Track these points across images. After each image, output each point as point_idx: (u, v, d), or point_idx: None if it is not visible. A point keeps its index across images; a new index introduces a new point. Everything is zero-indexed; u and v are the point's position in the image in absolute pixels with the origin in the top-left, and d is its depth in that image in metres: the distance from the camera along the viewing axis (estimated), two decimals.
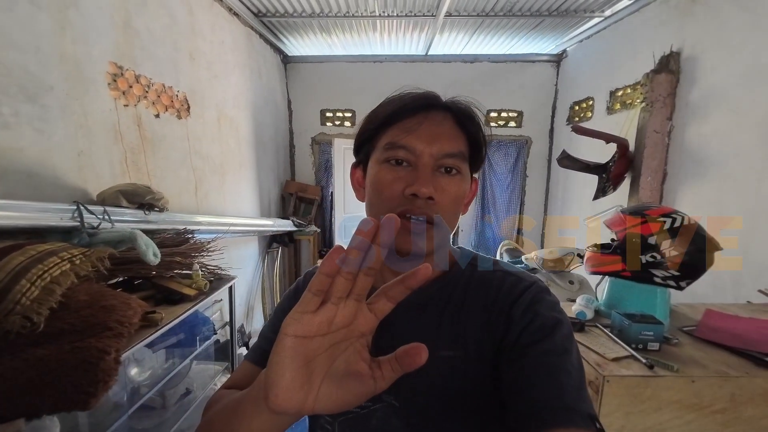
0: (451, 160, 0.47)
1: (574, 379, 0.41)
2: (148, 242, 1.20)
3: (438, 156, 0.47)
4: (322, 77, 3.83)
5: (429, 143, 0.46)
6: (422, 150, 0.46)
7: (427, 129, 0.47)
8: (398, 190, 0.46)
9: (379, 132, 0.50)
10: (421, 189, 0.44)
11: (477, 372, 0.46)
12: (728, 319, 1.16)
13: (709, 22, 2.05)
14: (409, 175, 0.46)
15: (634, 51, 2.65)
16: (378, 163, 0.49)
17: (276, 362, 0.30)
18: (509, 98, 3.83)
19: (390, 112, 0.49)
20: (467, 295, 0.51)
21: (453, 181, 0.48)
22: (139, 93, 1.64)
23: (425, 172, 0.46)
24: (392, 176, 0.47)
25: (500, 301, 0.49)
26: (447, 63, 3.79)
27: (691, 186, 2.19)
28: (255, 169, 2.95)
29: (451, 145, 0.47)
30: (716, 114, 2.01)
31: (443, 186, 0.47)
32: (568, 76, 3.61)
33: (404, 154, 0.47)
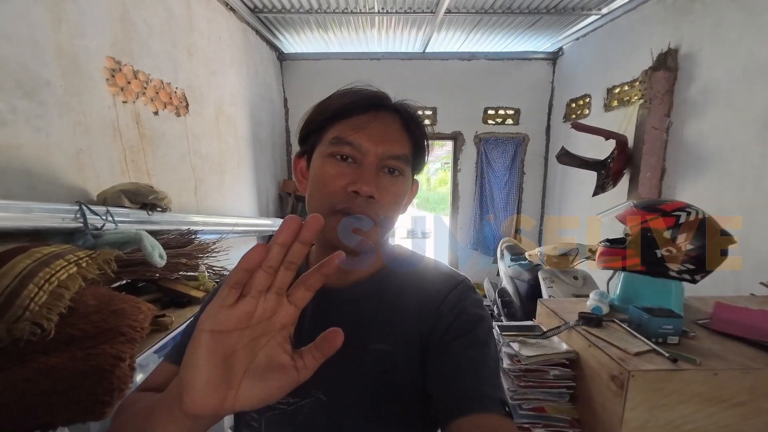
0: (395, 162, 0.48)
1: (492, 370, 0.46)
2: (154, 243, 1.16)
3: (383, 156, 0.47)
4: (319, 75, 3.79)
5: (376, 143, 0.46)
6: (368, 149, 0.46)
7: (375, 128, 0.47)
8: (341, 185, 0.46)
9: (327, 124, 0.49)
10: (363, 187, 0.45)
11: (406, 365, 0.48)
12: (739, 311, 1.17)
13: (707, 20, 2.08)
14: (353, 172, 0.46)
15: (630, 48, 2.67)
16: (323, 156, 0.48)
17: (191, 361, 0.28)
18: (506, 96, 3.84)
19: (340, 106, 0.48)
20: (402, 291, 0.52)
21: (395, 182, 0.48)
22: (138, 89, 1.59)
23: (369, 171, 0.46)
24: (336, 171, 0.47)
25: (431, 298, 0.51)
26: (444, 60, 3.78)
27: (689, 181, 2.22)
28: (253, 168, 2.90)
29: (397, 147, 0.48)
30: (714, 110, 2.04)
31: (385, 186, 0.47)
32: (564, 73, 3.63)
33: (350, 151, 0.47)
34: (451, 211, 4.09)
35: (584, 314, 1.14)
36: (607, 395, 0.93)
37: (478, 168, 3.92)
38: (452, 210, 4.07)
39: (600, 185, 2.71)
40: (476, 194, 3.94)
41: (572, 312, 1.23)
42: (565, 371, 1.06)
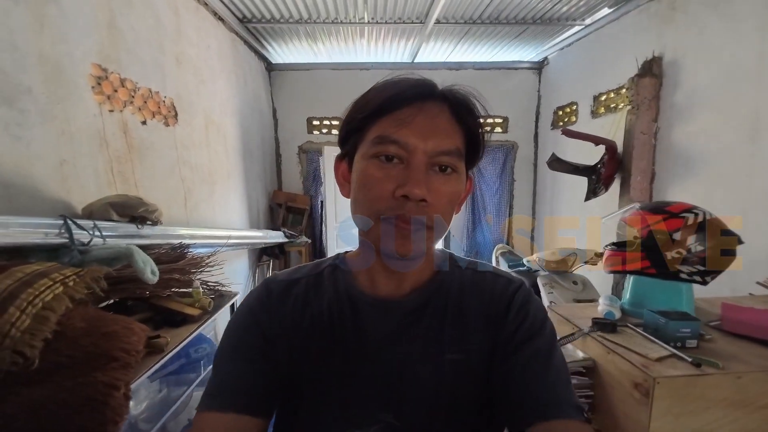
0: (447, 158, 0.43)
1: (565, 375, 0.46)
2: (146, 259, 1.09)
3: (433, 153, 0.43)
4: (308, 85, 3.76)
5: (424, 139, 0.42)
6: (416, 146, 0.42)
7: (421, 122, 0.43)
8: (388, 189, 0.42)
9: (368, 122, 0.45)
10: (413, 190, 0.41)
11: (480, 373, 0.48)
12: (748, 311, 1.17)
13: (689, 28, 2.16)
14: (400, 174, 0.42)
15: (615, 57, 2.75)
16: (366, 158, 0.44)
17: None
18: (495, 104, 3.89)
19: (381, 101, 0.44)
20: (463, 297, 0.51)
21: (448, 181, 0.44)
22: (125, 98, 1.52)
23: (418, 171, 0.42)
24: (382, 174, 0.43)
25: (496, 302, 0.50)
26: (433, 70, 3.82)
27: (679, 184, 2.27)
28: (243, 179, 2.83)
29: (448, 142, 0.43)
30: (701, 114, 2.10)
31: (437, 186, 0.43)
32: (550, 82, 3.72)
33: (395, 150, 0.42)
34: None
35: (598, 320, 1.11)
36: (630, 404, 0.90)
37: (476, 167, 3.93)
38: None
39: (591, 190, 2.75)
40: (468, 201, 3.95)
41: (582, 318, 1.20)
42: (582, 380, 1.03)
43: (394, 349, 0.47)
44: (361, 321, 0.48)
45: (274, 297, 0.51)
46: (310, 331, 0.48)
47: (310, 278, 0.52)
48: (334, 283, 0.51)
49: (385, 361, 0.46)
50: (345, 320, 0.48)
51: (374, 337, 0.48)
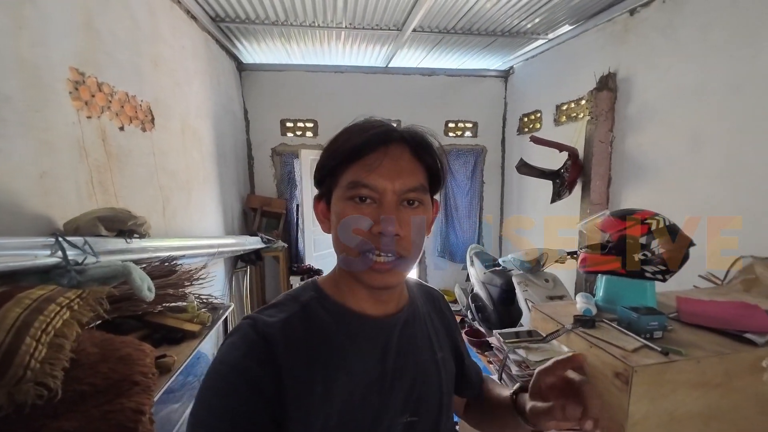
0: (413, 194, 0.49)
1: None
2: (143, 276, 1.05)
3: (401, 192, 0.48)
4: (281, 86, 3.70)
5: (391, 180, 0.47)
6: (385, 187, 0.47)
7: (387, 165, 0.48)
8: (365, 227, 0.48)
9: (340, 168, 0.50)
10: (387, 228, 0.46)
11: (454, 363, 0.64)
12: (699, 303, 1.36)
13: (640, 48, 2.41)
14: (374, 212, 0.48)
15: (576, 70, 2.99)
16: (342, 199, 0.49)
17: None
18: (465, 110, 4.06)
19: (350, 149, 0.49)
20: (425, 306, 0.63)
21: (416, 213, 0.50)
22: (103, 103, 1.44)
23: (390, 210, 0.47)
24: (358, 214, 0.48)
25: (437, 305, 0.66)
26: (407, 75, 3.90)
27: (632, 188, 2.53)
28: (218, 184, 2.74)
29: (412, 180, 0.49)
30: (650, 126, 2.36)
31: (407, 219, 0.49)
32: (516, 90, 3.94)
33: (368, 192, 0.48)
34: None
35: (578, 317, 1.24)
36: (612, 391, 1.02)
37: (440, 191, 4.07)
38: None
39: (556, 193, 2.97)
40: (441, 203, 4.09)
41: (564, 315, 1.33)
42: None
43: (407, 359, 0.53)
44: (369, 340, 0.52)
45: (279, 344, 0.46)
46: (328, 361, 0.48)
47: (298, 313, 0.51)
48: (327, 313, 0.52)
49: (403, 370, 0.52)
50: (355, 343, 0.51)
51: (388, 352, 0.53)
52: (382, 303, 0.55)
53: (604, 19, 2.64)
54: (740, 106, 1.84)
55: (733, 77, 1.86)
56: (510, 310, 2.72)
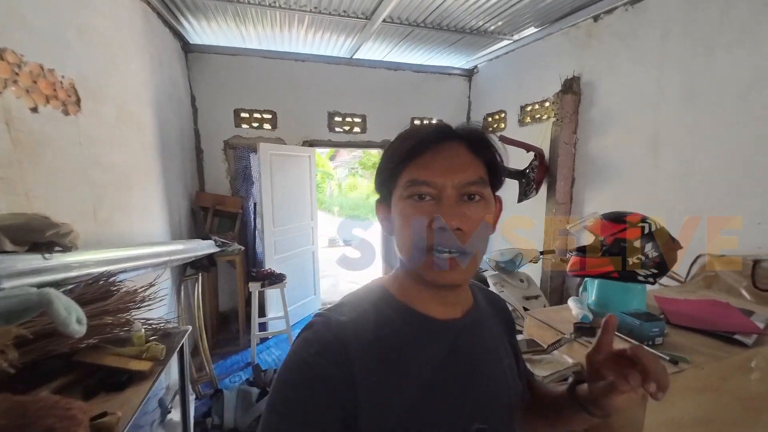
0: (473, 188, 0.49)
1: None
2: (69, 305, 0.80)
3: (459, 186, 0.48)
4: (235, 72, 3.35)
5: (449, 175, 0.48)
6: (443, 183, 0.48)
7: (444, 161, 0.49)
8: (426, 224, 0.48)
9: (398, 170, 0.51)
10: (449, 222, 0.46)
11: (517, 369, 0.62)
12: (678, 303, 1.39)
13: (603, 54, 2.50)
14: (434, 209, 0.48)
15: (540, 72, 3.06)
16: (402, 199, 0.50)
17: None
18: (430, 107, 4.01)
19: (407, 150, 0.50)
20: (488, 309, 0.62)
21: (477, 207, 0.49)
22: (5, 75, 1.11)
23: (449, 204, 0.47)
24: (418, 211, 0.48)
25: (499, 310, 0.66)
26: (372, 69, 3.75)
27: (596, 189, 2.63)
28: (162, 180, 2.37)
29: (470, 174, 0.49)
30: (612, 130, 2.46)
31: (468, 214, 0.48)
32: (480, 89, 3.97)
33: (426, 189, 0.48)
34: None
35: (578, 324, 1.20)
36: None
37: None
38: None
39: (523, 192, 3.02)
40: None
41: (560, 322, 1.29)
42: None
43: (474, 364, 0.52)
44: (436, 342, 0.51)
45: (352, 344, 0.46)
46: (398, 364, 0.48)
47: (368, 314, 0.51)
48: (395, 315, 0.52)
49: (471, 376, 0.51)
50: (423, 345, 0.50)
51: (455, 356, 0.51)
52: (447, 305, 0.54)
53: (569, 23, 2.71)
54: (695, 114, 1.96)
55: (689, 86, 1.98)
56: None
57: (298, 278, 3.45)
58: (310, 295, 3.70)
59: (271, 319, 3.09)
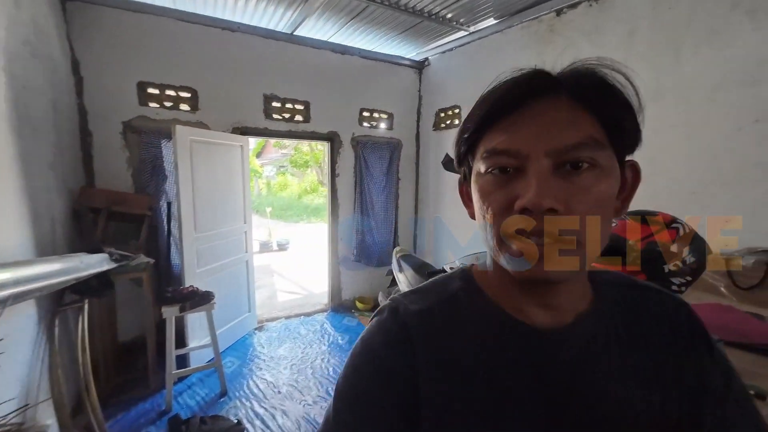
0: (575, 153, 0.36)
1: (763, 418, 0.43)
2: None
3: (555, 152, 0.36)
4: (141, 35, 2.60)
5: (539, 140, 0.36)
6: (530, 150, 0.36)
7: (533, 122, 0.37)
8: (505, 206, 0.37)
9: (476, 140, 0.41)
10: (535, 200, 0.35)
11: (677, 419, 0.41)
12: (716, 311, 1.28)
13: (566, 51, 2.44)
14: (519, 185, 0.37)
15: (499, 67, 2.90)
16: (480, 176, 0.40)
17: None
18: (380, 99, 3.70)
19: (485, 112, 0.39)
20: (631, 316, 0.45)
21: (588, 179, 0.36)
22: None
23: (540, 178, 0.35)
24: (497, 189, 0.38)
25: (666, 318, 0.45)
26: (316, 49, 3.29)
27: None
28: (18, 168, 1.63)
29: (572, 134, 0.36)
30: None
31: (573, 189, 0.36)
32: (431, 83, 3.78)
33: (507, 160, 0.38)
34: (330, 221, 3.63)
35: None
36: None
37: (357, 173, 3.62)
38: (332, 219, 3.62)
39: None
40: (356, 201, 3.64)
41: None
42: None
43: (580, 394, 0.40)
44: (525, 354, 0.41)
45: (418, 335, 0.42)
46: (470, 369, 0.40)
47: (443, 305, 0.44)
48: (476, 310, 0.44)
49: (569, 406, 0.39)
50: (505, 354, 0.41)
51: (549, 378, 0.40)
52: (548, 309, 0.42)
53: (530, 16, 2.62)
54: (661, 113, 1.96)
55: (656, 85, 1.98)
56: None
57: (229, 294, 2.83)
58: (244, 312, 3.09)
59: (194, 349, 2.44)
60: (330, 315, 3.58)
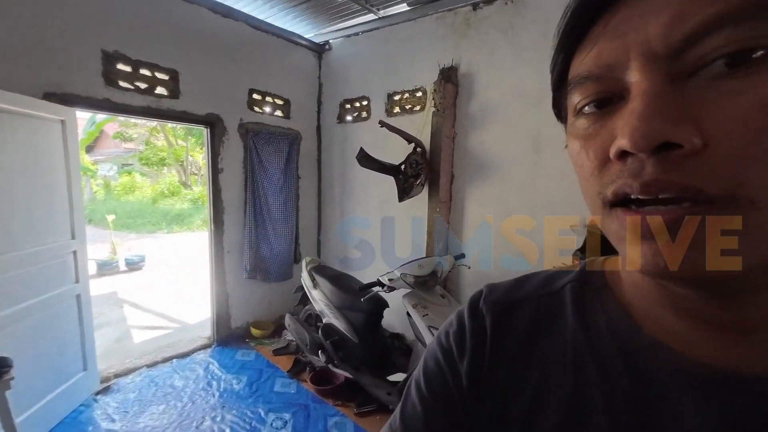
0: (721, 37, 0.19)
1: None
2: None
3: (677, 41, 0.20)
4: None
5: (640, 26, 0.22)
6: (627, 48, 0.22)
7: (625, 17, 0.23)
8: (600, 154, 0.24)
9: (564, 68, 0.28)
10: (638, 127, 0.21)
11: None
12: None
13: (482, 47, 2.41)
14: (619, 120, 0.23)
15: (413, 58, 2.77)
16: (572, 124, 0.28)
17: None
18: (275, 81, 3.09)
19: (564, 28, 0.27)
20: None
21: (750, 84, 0.19)
22: None
23: (645, 93, 0.21)
24: (593, 137, 0.25)
25: None
26: (189, 4, 2.48)
27: (476, 186, 2.53)
28: None
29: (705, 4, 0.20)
30: (494, 125, 2.41)
31: (719, 104, 0.20)
32: (333, 70, 3.37)
33: (595, 86, 0.24)
34: (213, 229, 2.81)
35: None
36: None
37: (248, 168, 2.92)
38: (214, 227, 2.81)
39: (403, 190, 2.64)
40: (248, 203, 2.93)
41: None
42: None
43: None
44: (650, 406, 0.26)
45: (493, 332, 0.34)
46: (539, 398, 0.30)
47: (540, 299, 0.34)
48: (584, 317, 0.31)
49: None
50: (616, 396, 0.27)
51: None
52: (720, 332, 0.25)
53: (446, 7, 2.52)
54: None
55: None
56: (375, 339, 2.13)
57: (44, 353, 1.81)
58: (75, 372, 2.05)
59: None
60: (216, 351, 2.77)
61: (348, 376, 2.18)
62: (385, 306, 2.06)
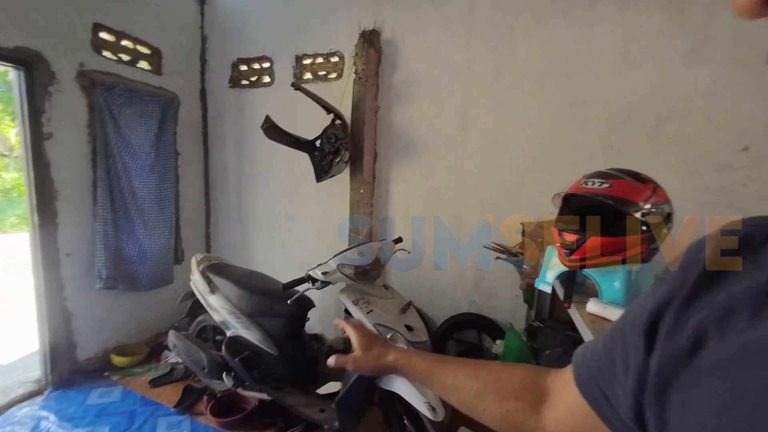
0: None
1: None
2: None
3: None
4: None
5: None
6: None
7: None
8: None
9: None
10: None
11: None
12: None
13: (407, 13, 2.20)
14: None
15: (327, 17, 2.39)
16: None
17: None
18: (135, 20, 2.29)
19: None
20: None
21: None
22: None
23: None
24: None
25: None
26: None
27: (402, 165, 2.34)
28: None
29: None
30: (420, 100, 2.24)
31: None
32: (223, 22, 2.71)
33: None
34: (39, 223, 1.90)
35: None
36: None
37: (97, 137, 2.08)
38: (41, 220, 1.91)
39: (322, 169, 2.27)
40: (99, 186, 2.10)
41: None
42: None
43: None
44: None
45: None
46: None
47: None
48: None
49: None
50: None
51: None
52: None
53: None
54: (501, 92, 2.05)
55: (496, 63, 2.04)
56: (299, 348, 1.76)
57: None
58: None
59: None
60: (53, 398, 1.92)
61: (263, 398, 1.75)
62: (310, 306, 1.69)
